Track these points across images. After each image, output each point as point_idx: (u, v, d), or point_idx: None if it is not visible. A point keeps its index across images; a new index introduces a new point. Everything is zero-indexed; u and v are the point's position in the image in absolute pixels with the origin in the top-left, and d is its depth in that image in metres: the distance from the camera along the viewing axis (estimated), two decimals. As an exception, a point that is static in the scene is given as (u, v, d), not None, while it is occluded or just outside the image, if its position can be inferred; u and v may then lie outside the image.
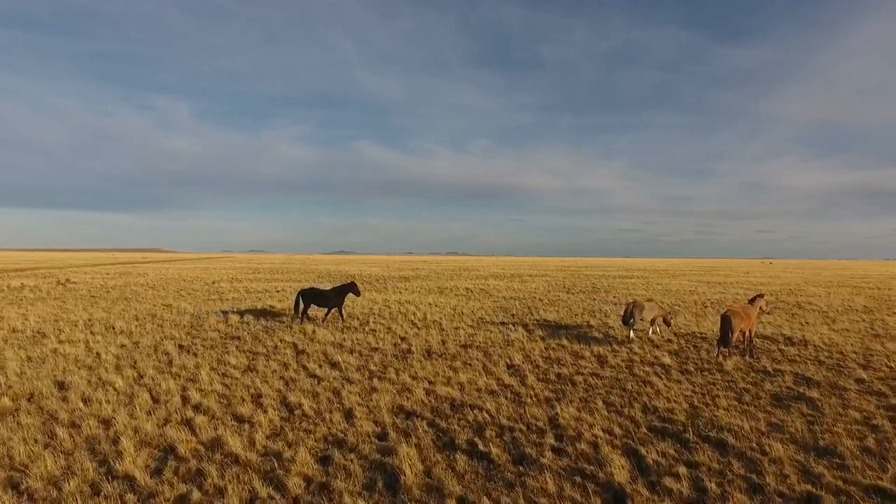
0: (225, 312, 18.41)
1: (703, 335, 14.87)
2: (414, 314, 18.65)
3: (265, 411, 7.73)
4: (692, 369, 10.70)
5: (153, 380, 9.29)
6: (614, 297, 27.99)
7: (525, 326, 16.23)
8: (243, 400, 8.26)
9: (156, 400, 8.23)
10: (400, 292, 28.47)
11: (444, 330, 15.48)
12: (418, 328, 15.70)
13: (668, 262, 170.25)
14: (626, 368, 10.76)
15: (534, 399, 8.56)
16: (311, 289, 16.67)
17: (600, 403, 8.26)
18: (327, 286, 32.07)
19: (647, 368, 10.72)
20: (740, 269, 76.42)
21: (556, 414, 7.75)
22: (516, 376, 10.03)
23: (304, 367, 10.55)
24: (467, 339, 13.88)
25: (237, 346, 12.53)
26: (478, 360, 11.46)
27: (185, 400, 8.19)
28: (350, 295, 23.32)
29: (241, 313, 18.20)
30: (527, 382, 9.53)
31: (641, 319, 14.27)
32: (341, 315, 16.85)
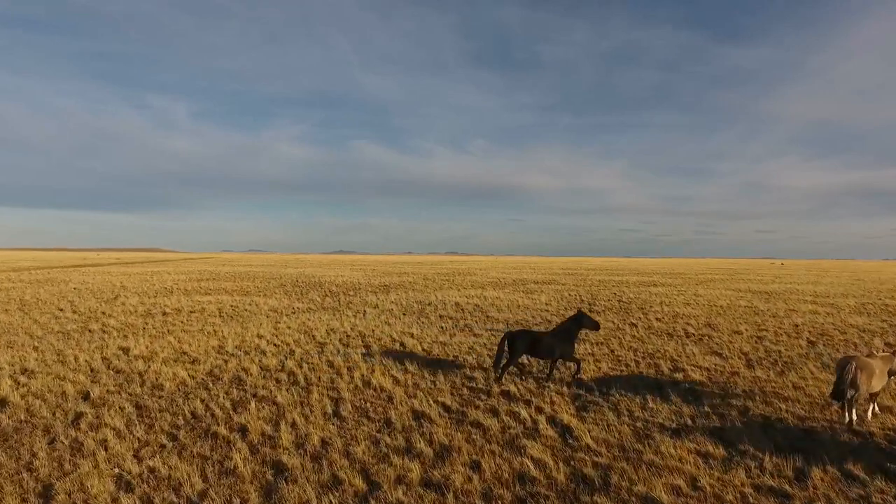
0: None
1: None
2: (349, 375, 10.56)
3: None
4: None
5: None
6: (657, 317, 19.97)
7: (553, 413, 8.19)
8: None
9: None
10: (361, 315, 20.39)
11: (376, 444, 7.42)
12: (327, 440, 7.66)
13: (673, 262, 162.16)
14: None
15: None
16: (523, 331, 10.53)
17: None
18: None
19: None
20: (767, 273, 67.87)
21: None
22: None
23: None
24: None
25: None
26: None
27: None
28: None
29: (28, 375, 10.20)
30: None
31: (868, 392, 7.47)
32: (571, 366, 11.37)
